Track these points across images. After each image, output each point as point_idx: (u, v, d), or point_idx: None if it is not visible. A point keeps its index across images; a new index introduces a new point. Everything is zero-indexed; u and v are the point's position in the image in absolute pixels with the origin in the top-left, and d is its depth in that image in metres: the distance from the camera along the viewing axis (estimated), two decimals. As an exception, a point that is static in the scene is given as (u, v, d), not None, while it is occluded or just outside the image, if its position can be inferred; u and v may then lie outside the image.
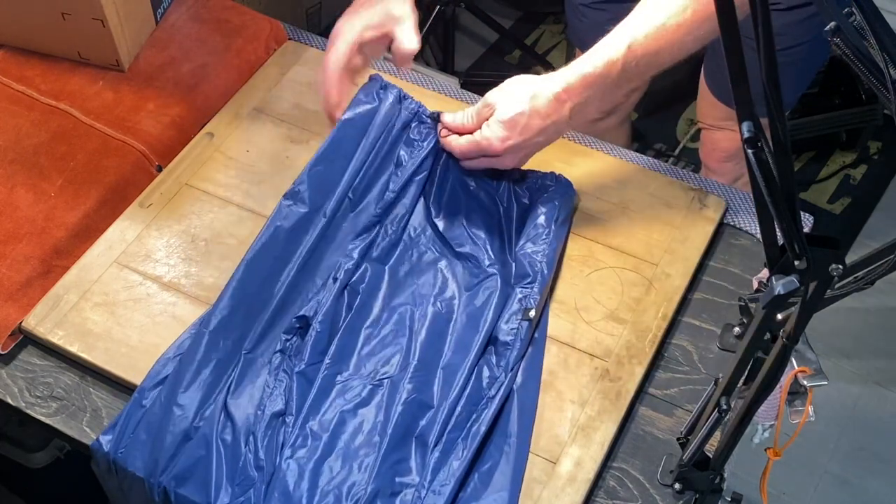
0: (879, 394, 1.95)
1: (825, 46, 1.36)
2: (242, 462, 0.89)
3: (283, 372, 0.94)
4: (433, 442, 0.89)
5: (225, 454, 0.89)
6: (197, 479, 0.88)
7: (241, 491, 0.87)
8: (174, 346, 0.97)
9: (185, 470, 0.88)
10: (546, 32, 2.64)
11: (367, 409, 0.92)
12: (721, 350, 1.01)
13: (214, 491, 0.87)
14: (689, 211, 1.10)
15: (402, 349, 0.96)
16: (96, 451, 0.92)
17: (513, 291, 0.99)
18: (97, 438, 0.92)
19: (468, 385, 0.93)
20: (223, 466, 0.88)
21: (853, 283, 0.68)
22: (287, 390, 0.92)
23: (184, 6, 1.30)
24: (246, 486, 0.87)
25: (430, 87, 1.24)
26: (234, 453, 0.89)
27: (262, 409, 0.91)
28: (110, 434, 0.92)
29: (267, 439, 0.89)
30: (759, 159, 0.62)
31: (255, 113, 1.21)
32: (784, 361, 0.73)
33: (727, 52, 0.61)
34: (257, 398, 0.92)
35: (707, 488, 0.90)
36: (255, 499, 0.86)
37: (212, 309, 0.98)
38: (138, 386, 0.94)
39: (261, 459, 0.88)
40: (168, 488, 0.88)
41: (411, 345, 0.96)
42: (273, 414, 0.91)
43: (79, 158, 1.12)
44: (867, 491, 1.82)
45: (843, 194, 2.29)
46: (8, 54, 1.23)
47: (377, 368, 0.95)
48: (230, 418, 0.91)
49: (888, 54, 0.60)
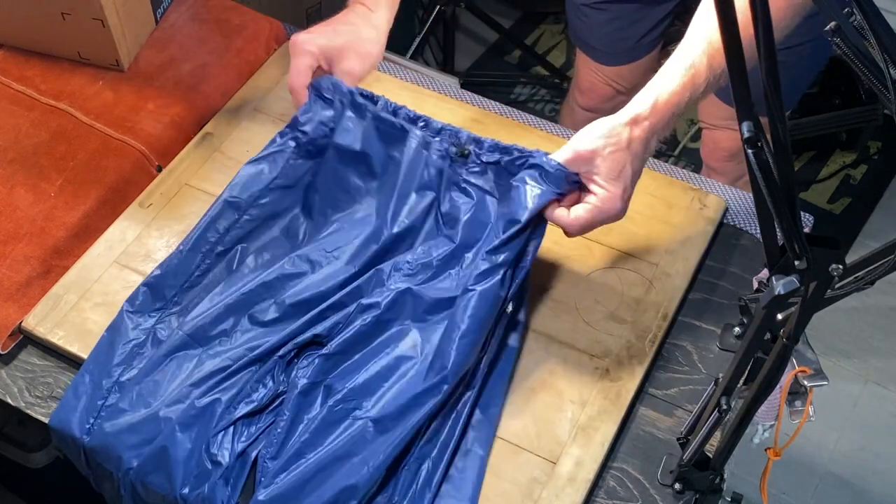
0: (879, 394, 1.95)
1: (826, 46, 1.36)
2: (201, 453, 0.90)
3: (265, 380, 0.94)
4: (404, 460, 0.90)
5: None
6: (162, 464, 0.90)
7: (199, 483, 0.88)
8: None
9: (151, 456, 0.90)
10: (546, 32, 2.64)
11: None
12: (721, 350, 1.01)
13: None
14: (689, 211, 1.10)
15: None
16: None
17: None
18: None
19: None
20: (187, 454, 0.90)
21: (853, 283, 0.68)
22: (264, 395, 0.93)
23: (184, 6, 1.30)
24: (204, 478, 0.88)
25: (430, 87, 1.24)
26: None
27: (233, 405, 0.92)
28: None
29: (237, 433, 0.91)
30: (760, 159, 0.62)
31: (254, 113, 1.20)
32: (784, 361, 0.73)
33: (727, 52, 0.61)
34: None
35: (707, 488, 0.90)
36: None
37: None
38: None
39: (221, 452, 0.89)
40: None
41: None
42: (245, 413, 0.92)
43: (79, 158, 1.12)
44: (867, 491, 1.82)
45: (843, 194, 2.29)
46: (8, 54, 1.23)
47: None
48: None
49: (888, 54, 0.60)
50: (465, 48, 2.54)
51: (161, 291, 1.01)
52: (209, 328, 0.97)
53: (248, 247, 1.04)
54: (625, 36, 1.56)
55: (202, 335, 0.96)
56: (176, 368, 0.95)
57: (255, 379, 0.93)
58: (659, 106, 0.93)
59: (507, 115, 1.22)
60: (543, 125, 1.20)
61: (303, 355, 0.95)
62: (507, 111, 1.22)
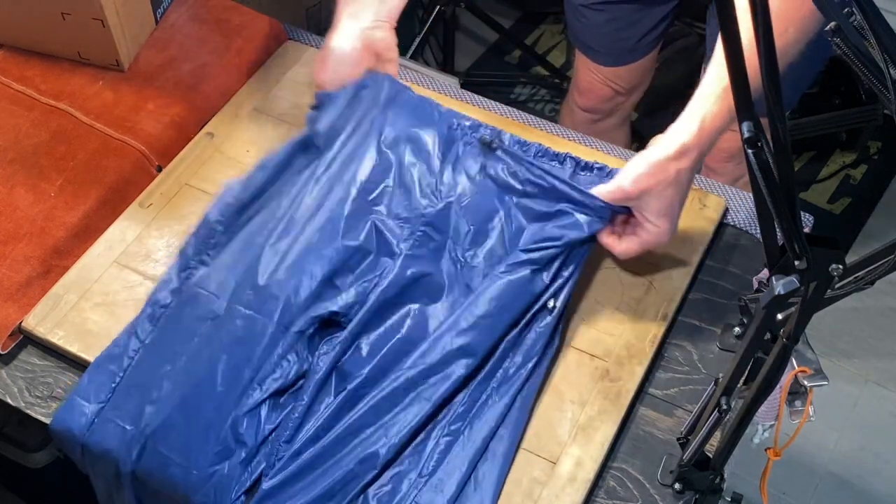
0: (879, 394, 1.95)
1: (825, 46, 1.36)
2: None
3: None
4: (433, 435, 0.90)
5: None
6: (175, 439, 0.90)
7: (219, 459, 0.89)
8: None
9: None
10: (546, 32, 2.64)
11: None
12: (721, 350, 1.01)
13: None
14: (689, 211, 1.10)
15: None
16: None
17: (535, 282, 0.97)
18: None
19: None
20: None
21: (853, 283, 0.68)
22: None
23: (184, 6, 1.30)
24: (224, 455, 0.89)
25: (430, 88, 1.24)
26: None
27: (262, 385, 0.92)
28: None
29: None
30: (760, 159, 0.62)
31: (255, 113, 1.20)
32: (784, 361, 0.73)
33: (727, 52, 0.61)
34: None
35: (707, 488, 0.90)
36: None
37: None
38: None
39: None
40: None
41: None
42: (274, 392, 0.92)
43: (79, 158, 1.12)
44: (867, 491, 1.82)
45: (843, 194, 2.29)
46: (8, 54, 1.23)
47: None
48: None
49: (888, 54, 0.60)
50: (465, 48, 2.54)
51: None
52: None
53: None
54: (624, 37, 1.56)
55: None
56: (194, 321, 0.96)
57: (279, 353, 0.93)
58: (704, 131, 0.92)
59: (507, 115, 1.22)
60: (543, 125, 1.20)
61: (324, 339, 0.95)
62: (507, 111, 1.22)
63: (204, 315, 0.96)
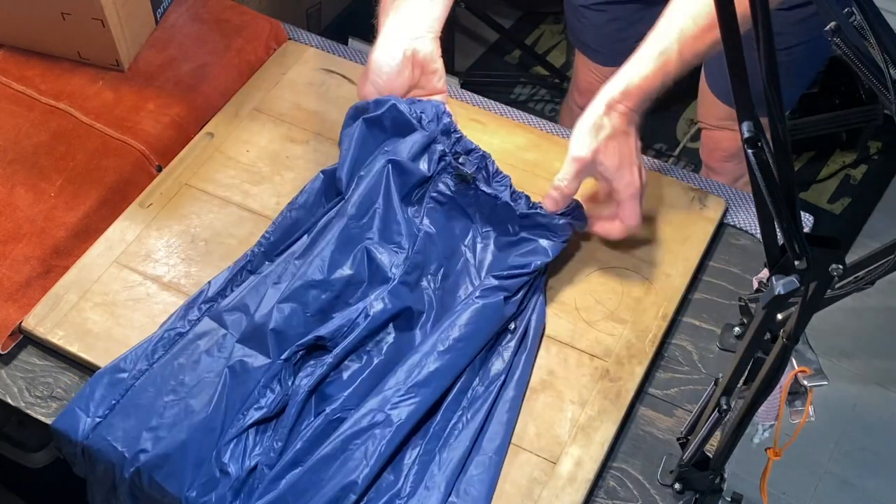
0: (879, 394, 1.95)
1: (825, 46, 1.36)
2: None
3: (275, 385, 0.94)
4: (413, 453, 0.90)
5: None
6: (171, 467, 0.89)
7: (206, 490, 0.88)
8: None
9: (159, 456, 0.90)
10: (546, 32, 2.64)
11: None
12: (721, 350, 1.01)
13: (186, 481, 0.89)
14: (689, 211, 1.10)
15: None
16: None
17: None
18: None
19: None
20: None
21: (853, 283, 0.68)
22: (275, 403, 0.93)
23: (184, 6, 1.30)
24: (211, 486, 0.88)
25: (430, 87, 1.24)
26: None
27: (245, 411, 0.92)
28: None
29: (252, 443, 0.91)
30: (759, 159, 0.62)
31: (255, 113, 1.21)
32: (784, 361, 0.73)
33: (727, 51, 0.61)
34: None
35: (707, 488, 0.90)
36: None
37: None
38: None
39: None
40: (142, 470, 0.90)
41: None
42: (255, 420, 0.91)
43: (79, 158, 1.12)
44: (867, 491, 1.82)
45: (843, 194, 2.29)
46: (8, 54, 1.23)
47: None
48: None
49: (888, 54, 0.60)
50: (465, 48, 2.54)
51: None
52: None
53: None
54: (623, 37, 1.55)
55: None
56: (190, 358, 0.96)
57: (262, 384, 0.93)
58: (630, 91, 0.98)
59: (507, 115, 1.22)
60: (543, 125, 1.20)
61: (307, 362, 0.95)
62: (507, 111, 1.22)
63: (213, 350, 0.96)
